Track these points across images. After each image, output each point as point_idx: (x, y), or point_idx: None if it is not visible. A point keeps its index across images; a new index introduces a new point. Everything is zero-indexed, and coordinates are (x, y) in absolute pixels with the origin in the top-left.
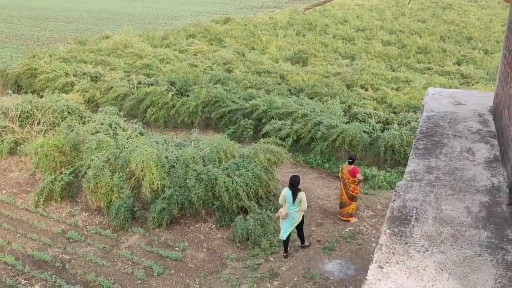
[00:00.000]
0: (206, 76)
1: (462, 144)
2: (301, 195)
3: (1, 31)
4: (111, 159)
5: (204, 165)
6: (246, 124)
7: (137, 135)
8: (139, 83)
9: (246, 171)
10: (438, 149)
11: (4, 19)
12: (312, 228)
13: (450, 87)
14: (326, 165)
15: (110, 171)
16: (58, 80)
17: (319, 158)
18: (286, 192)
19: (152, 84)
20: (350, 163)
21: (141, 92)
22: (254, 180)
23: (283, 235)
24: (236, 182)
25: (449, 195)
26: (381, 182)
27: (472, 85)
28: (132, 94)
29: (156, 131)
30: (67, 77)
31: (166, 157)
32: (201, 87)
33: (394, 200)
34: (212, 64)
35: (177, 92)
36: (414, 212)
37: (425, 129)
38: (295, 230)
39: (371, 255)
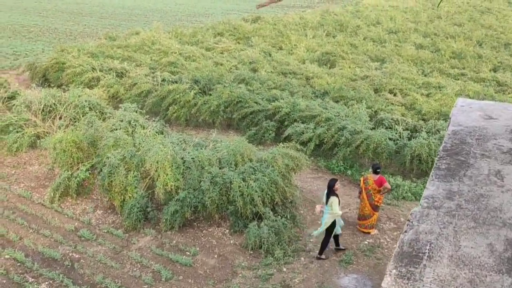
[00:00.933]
0: (231, 75)
1: (490, 166)
2: (332, 199)
3: (35, 24)
4: (127, 157)
5: (220, 168)
6: (268, 126)
7: (154, 134)
8: (163, 80)
9: (263, 175)
10: (462, 171)
11: (39, 12)
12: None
13: (485, 95)
14: (349, 172)
15: (125, 169)
16: (84, 74)
17: (342, 164)
18: (324, 193)
19: (176, 82)
20: (376, 172)
21: (164, 89)
22: (271, 186)
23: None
24: (252, 187)
25: (471, 228)
26: (406, 192)
27: (508, 93)
28: (156, 91)
29: (177, 130)
30: (93, 72)
31: (182, 158)
32: (224, 86)
33: (405, 231)
34: (238, 63)
35: (200, 91)
36: (428, 248)
37: (450, 146)
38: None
39: None
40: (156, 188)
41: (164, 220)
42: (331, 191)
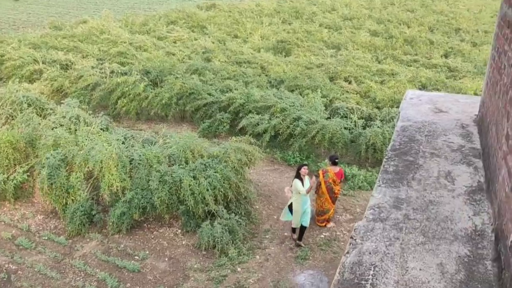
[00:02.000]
0: (183, 66)
1: (440, 166)
2: (294, 182)
3: None
4: (68, 157)
5: (169, 165)
6: (222, 118)
7: (98, 131)
8: (112, 72)
9: (215, 172)
10: (411, 173)
11: None
12: (286, 233)
13: (437, 81)
14: (305, 162)
15: (67, 170)
16: (25, 67)
17: (298, 155)
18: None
19: (126, 74)
20: (335, 164)
21: (112, 82)
22: (223, 183)
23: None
24: (203, 184)
25: (419, 245)
26: (362, 182)
27: (459, 78)
28: (103, 84)
29: (128, 124)
30: (35, 64)
31: (128, 156)
32: (176, 77)
33: (347, 253)
34: (191, 53)
35: (150, 83)
36: (371, 272)
37: (398, 145)
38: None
39: None
40: (101, 190)
41: (110, 223)
42: (297, 174)
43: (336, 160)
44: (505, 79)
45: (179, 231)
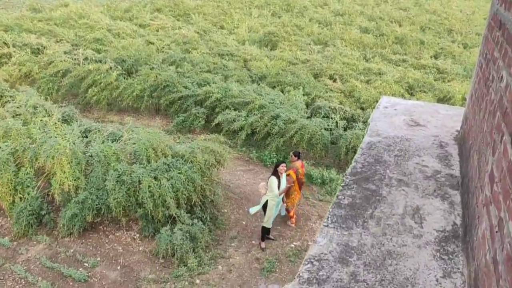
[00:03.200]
0: (160, 56)
1: (408, 199)
2: (270, 179)
3: None
4: (19, 151)
5: (129, 164)
6: (198, 113)
7: (55, 123)
8: (86, 59)
9: (179, 173)
10: (370, 209)
11: None
12: (253, 241)
13: (424, 83)
14: (283, 161)
15: (16, 165)
16: None
17: (275, 155)
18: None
19: (100, 61)
20: (299, 157)
21: (83, 69)
22: (187, 185)
23: (251, 209)
24: (164, 186)
25: None
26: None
27: (448, 81)
28: (74, 70)
29: (98, 115)
30: (4, 47)
31: (84, 153)
32: (152, 68)
33: None
34: (171, 43)
35: (124, 72)
36: None
37: (360, 167)
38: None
39: None
40: (52, 188)
41: (61, 225)
42: (274, 171)
43: (299, 154)
44: (493, 95)
45: (137, 235)
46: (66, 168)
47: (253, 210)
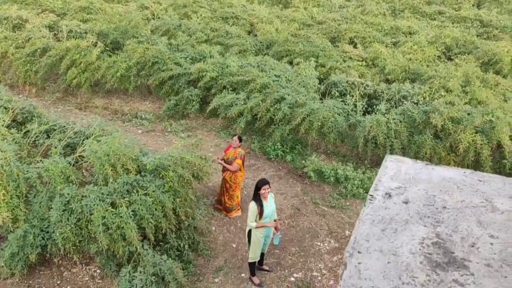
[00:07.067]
0: (149, 25)
1: None
2: (250, 205)
3: None
4: None
5: (81, 186)
6: (191, 95)
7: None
8: (70, 32)
9: (144, 194)
10: None
11: None
12: (243, 275)
13: (465, 42)
14: (288, 157)
15: None
16: None
17: (279, 147)
18: None
19: (86, 33)
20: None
21: (60, 47)
22: (155, 209)
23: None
24: (124, 214)
25: None
26: (356, 188)
27: (494, 35)
28: (53, 49)
29: (81, 100)
30: None
31: (26, 172)
32: (140, 41)
33: None
34: (168, 6)
35: (107, 48)
36: None
37: None
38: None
39: None
40: None
41: (2, 265)
42: (255, 194)
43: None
44: None
45: (98, 271)
46: (0, 194)
47: (277, 239)
